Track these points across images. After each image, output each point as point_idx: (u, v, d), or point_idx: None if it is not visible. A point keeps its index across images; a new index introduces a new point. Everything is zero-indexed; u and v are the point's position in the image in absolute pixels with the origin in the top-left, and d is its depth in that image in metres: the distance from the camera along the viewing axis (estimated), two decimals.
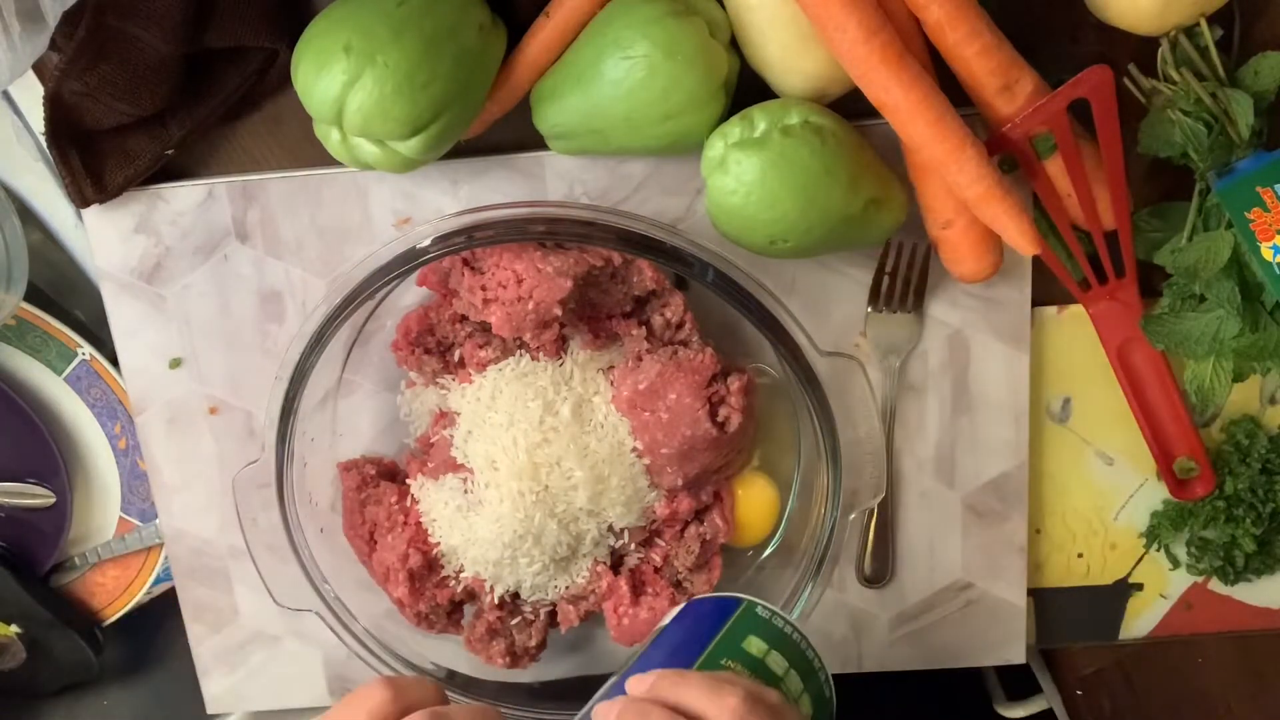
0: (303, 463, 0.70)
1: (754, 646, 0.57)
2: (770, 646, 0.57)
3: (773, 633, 0.58)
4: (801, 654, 0.58)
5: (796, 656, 0.58)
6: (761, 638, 0.58)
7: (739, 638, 0.57)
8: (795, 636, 0.59)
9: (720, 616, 0.59)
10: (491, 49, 0.63)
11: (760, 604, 0.59)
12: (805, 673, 0.58)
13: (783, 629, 0.58)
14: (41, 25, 0.59)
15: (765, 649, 0.57)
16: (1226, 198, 0.61)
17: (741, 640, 0.57)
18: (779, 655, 0.57)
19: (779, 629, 0.58)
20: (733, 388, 0.67)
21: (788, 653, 0.58)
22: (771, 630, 0.58)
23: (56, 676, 0.82)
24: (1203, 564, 0.76)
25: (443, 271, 0.68)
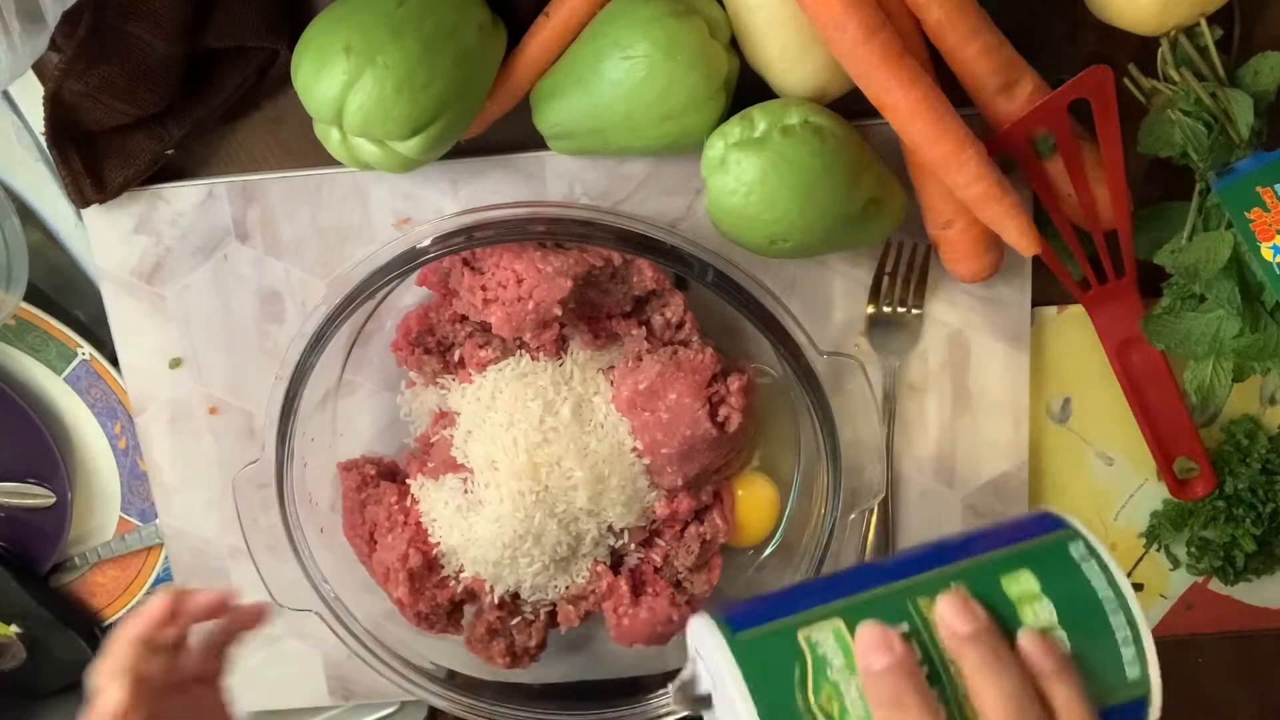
0: (303, 463, 0.70)
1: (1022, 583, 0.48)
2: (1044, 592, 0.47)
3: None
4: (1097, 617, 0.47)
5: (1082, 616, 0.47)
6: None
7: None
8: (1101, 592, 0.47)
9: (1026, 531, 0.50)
10: (491, 49, 0.63)
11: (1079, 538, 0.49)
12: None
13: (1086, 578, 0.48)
14: (41, 25, 0.59)
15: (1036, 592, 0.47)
16: (1226, 198, 0.61)
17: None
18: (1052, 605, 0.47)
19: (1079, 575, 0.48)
20: (733, 388, 0.67)
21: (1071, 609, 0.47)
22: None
23: (56, 676, 0.82)
24: (1203, 564, 0.76)
25: (443, 271, 0.68)
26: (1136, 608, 0.47)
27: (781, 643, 0.46)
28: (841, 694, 0.45)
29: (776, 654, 0.46)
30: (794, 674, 0.45)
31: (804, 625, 0.46)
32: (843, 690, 0.45)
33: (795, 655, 0.46)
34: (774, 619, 0.47)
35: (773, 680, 0.45)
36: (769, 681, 0.45)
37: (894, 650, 0.45)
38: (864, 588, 0.48)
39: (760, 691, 0.45)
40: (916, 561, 0.49)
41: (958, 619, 0.46)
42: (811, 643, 0.46)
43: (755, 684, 0.45)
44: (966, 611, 0.46)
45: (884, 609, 0.47)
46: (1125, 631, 0.47)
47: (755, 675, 0.45)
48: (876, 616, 0.47)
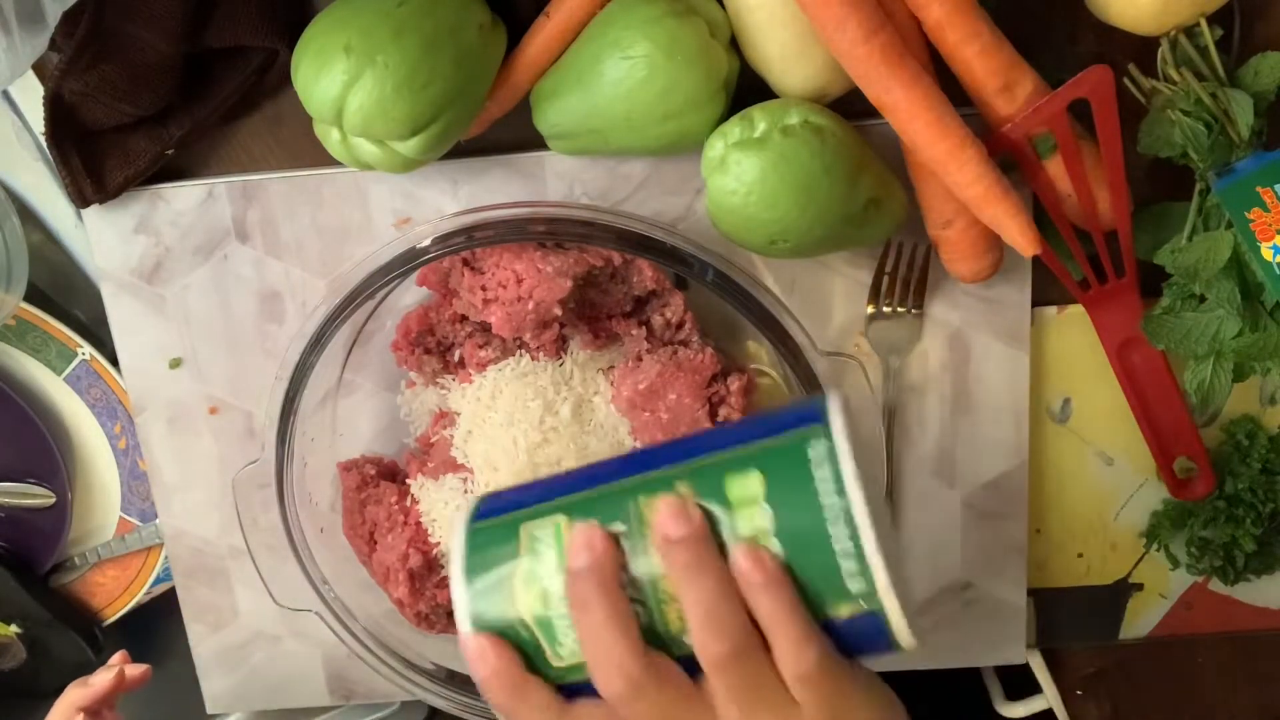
0: (303, 463, 0.70)
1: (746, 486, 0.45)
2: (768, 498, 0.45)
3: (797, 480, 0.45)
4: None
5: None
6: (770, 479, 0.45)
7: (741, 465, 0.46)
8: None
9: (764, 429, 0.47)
10: (491, 49, 0.63)
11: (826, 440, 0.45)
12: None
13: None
14: (41, 25, 0.59)
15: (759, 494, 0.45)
16: (1226, 198, 0.61)
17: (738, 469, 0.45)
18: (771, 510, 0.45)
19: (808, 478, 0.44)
20: (733, 388, 0.67)
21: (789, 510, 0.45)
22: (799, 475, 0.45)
23: (56, 676, 0.82)
24: (1203, 564, 0.76)
25: (443, 271, 0.68)
26: (862, 517, 0.44)
27: (504, 534, 0.47)
28: (545, 588, 0.46)
29: (498, 545, 0.47)
30: (506, 566, 0.47)
31: (530, 518, 0.47)
32: (546, 585, 0.46)
33: (513, 548, 0.47)
34: (510, 510, 0.48)
35: (487, 569, 0.47)
36: (483, 569, 0.47)
37: (593, 550, 0.45)
38: (600, 482, 0.48)
39: (472, 576, 0.47)
40: (660, 455, 0.48)
41: (669, 521, 0.45)
42: (532, 536, 0.47)
43: (471, 570, 0.47)
44: (679, 515, 0.45)
45: (606, 507, 0.47)
46: (846, 543, 0.44)
47: (474, 562, 0.47)
48: (598, 515, 0.46)
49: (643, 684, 0.45)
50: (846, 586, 0.44)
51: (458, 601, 0.47)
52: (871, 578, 0.44)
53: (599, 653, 0.45)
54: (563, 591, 0.46)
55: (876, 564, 0.44)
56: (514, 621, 0.47)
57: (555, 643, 0.46)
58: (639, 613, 0.46)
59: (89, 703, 0.67)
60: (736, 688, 0.45)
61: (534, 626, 0.46)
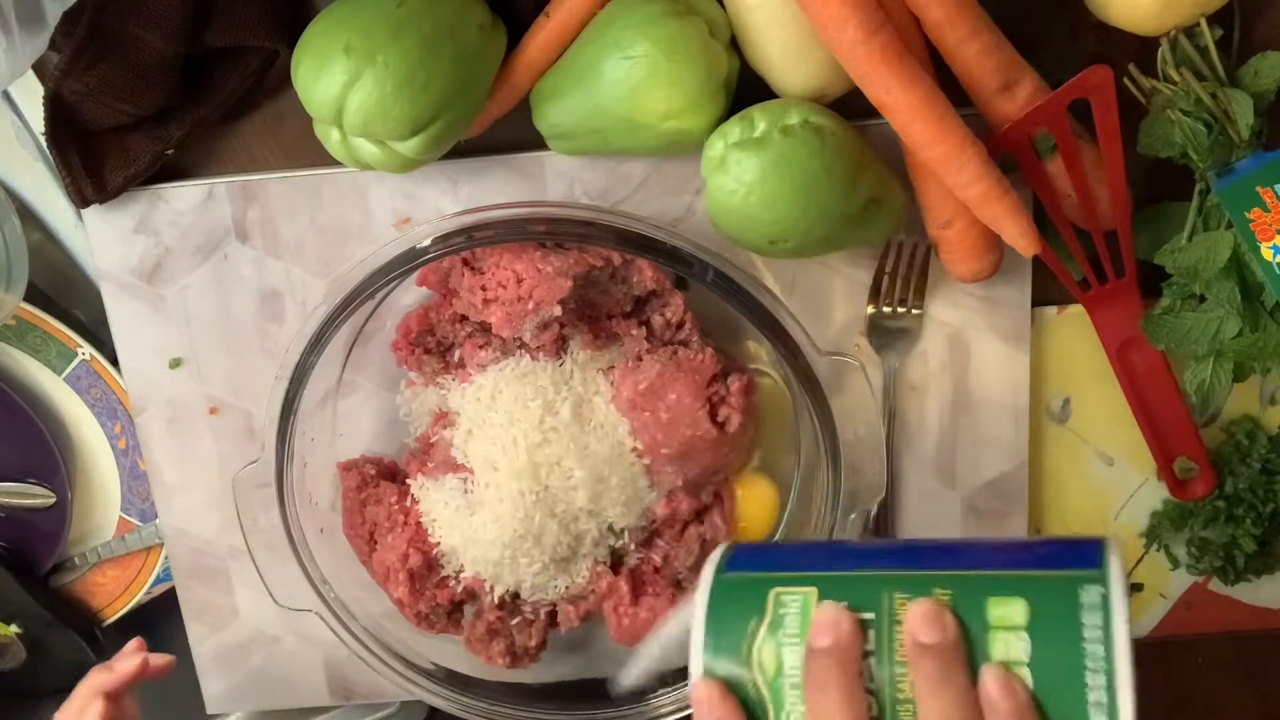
0: (303, 463, 0.70)
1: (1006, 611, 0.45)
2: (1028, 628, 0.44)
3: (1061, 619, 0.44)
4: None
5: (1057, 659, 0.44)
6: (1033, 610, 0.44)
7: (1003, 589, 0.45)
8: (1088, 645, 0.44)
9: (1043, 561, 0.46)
10: (491, 49, 0.63)
11: (1103, 582, 0.45)
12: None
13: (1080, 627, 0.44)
14: (41, 25, 0.59)
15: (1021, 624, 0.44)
16: (1226, 198, 0.61)
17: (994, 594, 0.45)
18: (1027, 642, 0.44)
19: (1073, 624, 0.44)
20: (733, 388, 0.67)
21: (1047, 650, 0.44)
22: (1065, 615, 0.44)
23: (56, 676, 0.82)
24: (1203, 564, 0.76)
25: (443, 271, 0.68)
26: (1123, 676, 0.43)
27: (753, 592, 0.48)
28: (782, 655, 0.46)
29: (745, 601, 0.48)
30: (750, 623, 0.47)
31: (781, 583, 0.48)
32: (784, 652, 0.46)
33: (760, 607, 0.47)
34: (762, 569, 0.49)
35: (729, 622, 0.47)
36: (726, 622, 0.47)
37: (839, 633, 0.45)
38: (858, 565, 0.48)
39: (714, 626, 0.47)
40: (919, 554, 0.48)
41: (923, 625, 0.44)
42: (779, 601, 0.47)
43: (713, 619, 0.47)
44: (935, 621, 0.44)
45: (859, 592, 0.47)
46: (1101, 695, 0.43)
47: (718, 612, 0.48)
48: (850, 598, 0.46)
49: None
50: None
51: (694, 645, 0.47)
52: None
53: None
54: (799, 664, 0.46)
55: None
56: (745, 679, 0.47)
57: (781, 712, 0.46)
58: (870, 705, 0.45)
59: (113, 687, 0.66)
60: None
61: (764, 690, 0.46)
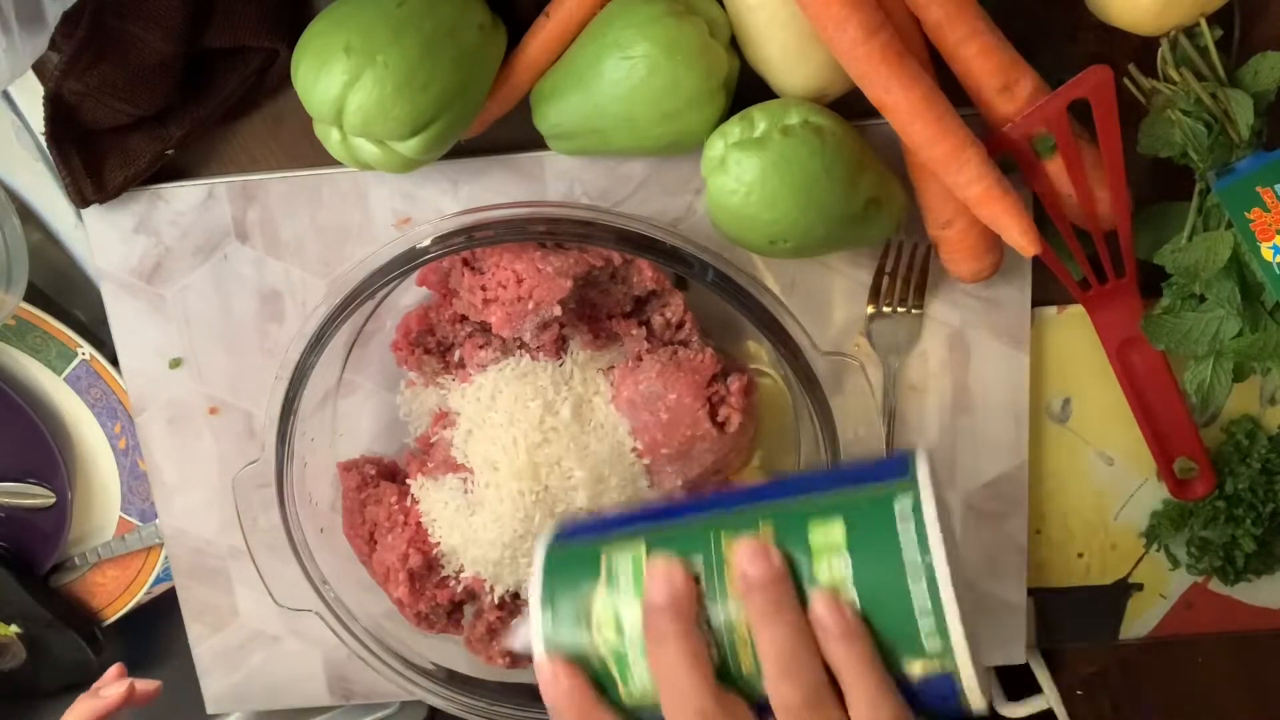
0: (303, 463, 0.70)
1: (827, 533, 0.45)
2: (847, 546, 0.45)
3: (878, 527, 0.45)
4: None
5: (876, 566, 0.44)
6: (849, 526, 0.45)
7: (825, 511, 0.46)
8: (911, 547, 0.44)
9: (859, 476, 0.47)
10: (491, 49, 0.63)
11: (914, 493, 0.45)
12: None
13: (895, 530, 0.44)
14: (41, 25, 0.59)
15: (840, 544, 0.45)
16: (1226, 198, 0.61)
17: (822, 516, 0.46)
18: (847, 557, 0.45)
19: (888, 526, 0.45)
20: (733, 388, 0.67)
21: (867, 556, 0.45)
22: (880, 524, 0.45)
23: (56, 676, 0.82)
24: (1203, 564, 0.76)
25: (443, 271, 0.68)
26: (943, 576, 0.44)
27: (585, 559, 0.48)
28: (621, 617, 0.47)
29: (577, 567, 0.48)
30: (584, 587, 0.48)
31: (609, 545, 0.48)
32: (622, 613, 0.47)
33: (593, 571, 0.48)
34: (592, 535, 0.49)
35: (566, 592, 0.48)
36: (562, 593, 0.48)
37: (672, 586, 0.46)
38: (682, 515, 0.48)
39: (553, 600, 0.48)
40: (744, 494, 0.49)
41: (750, 563, 0.45)
42: (610, 562, 0.48)
43: (552, 593, 0.48)
44: (760, 557, 0.45)
45: (687, 539, 0.47)
46: (925, 600, 0.44)
47: (555, 584, 0.48)
48: (678, 548, 0.47)
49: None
50: (922, 644, 0.44)
51: (534, 623, 0.48)
52: (948, 637, 0.44)
53: (673, 689, 0.45)
54: (638, 621, 0.46)
55: (955, 624, 0.44)
56: (588, 649, 0.47)
57: (627, 674, 0.47)
58: (713, 652, 0.46)
59: (101, 714, 0.67)
60: None
61: (608, 656, 0.47)
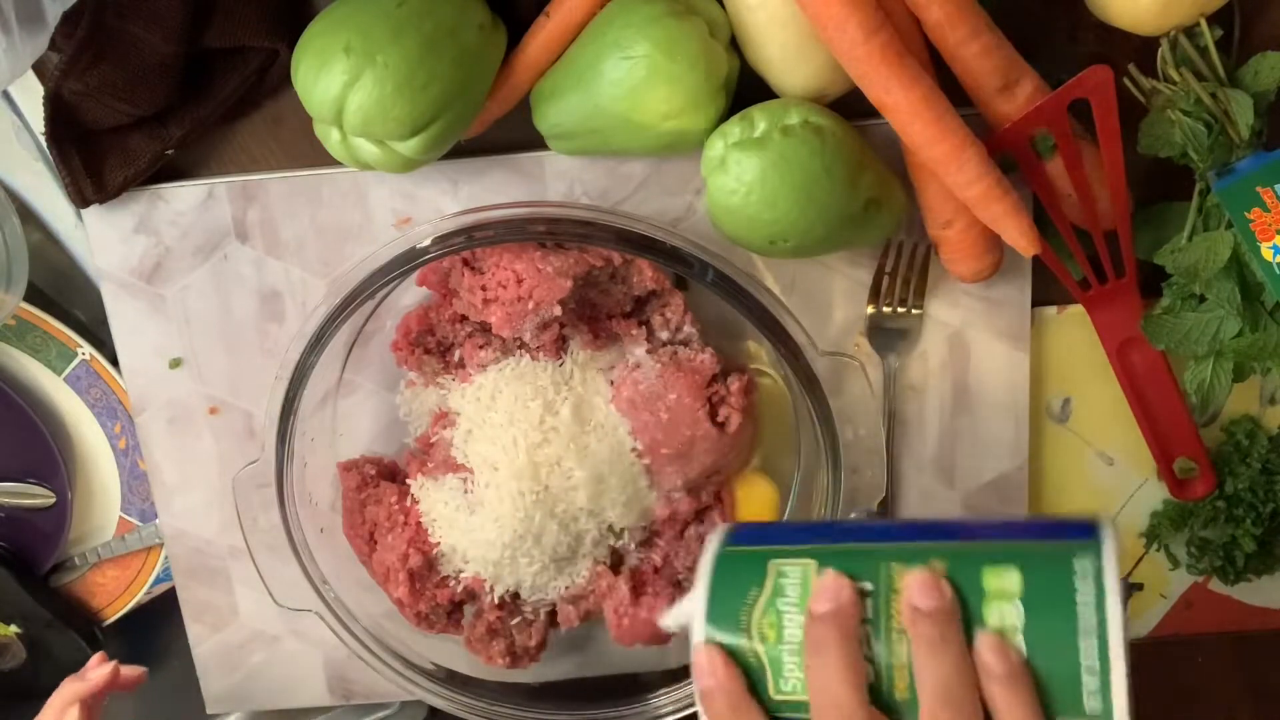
0: (303, 463, 0.70)
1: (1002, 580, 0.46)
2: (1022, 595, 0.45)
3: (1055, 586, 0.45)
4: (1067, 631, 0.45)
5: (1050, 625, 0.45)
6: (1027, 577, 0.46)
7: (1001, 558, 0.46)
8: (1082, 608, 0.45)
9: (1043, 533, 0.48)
10: (491, 49, 0.63)
11: (1098, 554, 0.46)
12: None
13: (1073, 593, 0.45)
14: (41, 25, 0.59)
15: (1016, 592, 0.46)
16: (1226, 198, 0.61)
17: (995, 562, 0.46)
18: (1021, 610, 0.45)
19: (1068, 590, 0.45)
20: (733, 388, 0.67)
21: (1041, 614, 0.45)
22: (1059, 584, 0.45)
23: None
24: (1203, 564, 0.76)
25: (443, 271, 0.68)
26: (1116, 639, 0.45)
27: (754, 564, 0.49)
28: (782, 623, 0.48)
29: (746, 572, 0.49)
30: (750, 593, 0.49)
31: (779, 556, 0.49)
32: (784, 620, 0.48)
33: (760, 577, 0.49)
34: (762, 543, 0.50)
35: (730, 592, 0.49)
36: (727, 592, 0.49)
37: (840, 599, 0.46)
38: (855, 539, 0.50)
39: (716, 595, 0.49)
40: (914, 530, 0.50)
41: (920, 592, 0.46)
42: (779, 571, 0.49)
43: (715, 589, 0.49)
44: (932, 588, 0.46)
45: (858, 563, 0.48)
46: (1094, 660, 0.45)
47: (720, 583, 0.49)
48: (847, 568, 0.48)
49: None
50: (1083, 703, 0.45)
51: (696, 613, 0.49)
52: (1110, 701, 0.44)
53: (826, 697, 0.46)
54: (798, 632, 0.47)
55: (1120, 689, 0.44)
56: (745, 648, 0.48)
57: (780, 677, 0.48)
58: (868, 671, 0.47)
59: (86, 695, 0.68)
60: None
61: (763, 655, 0.48)
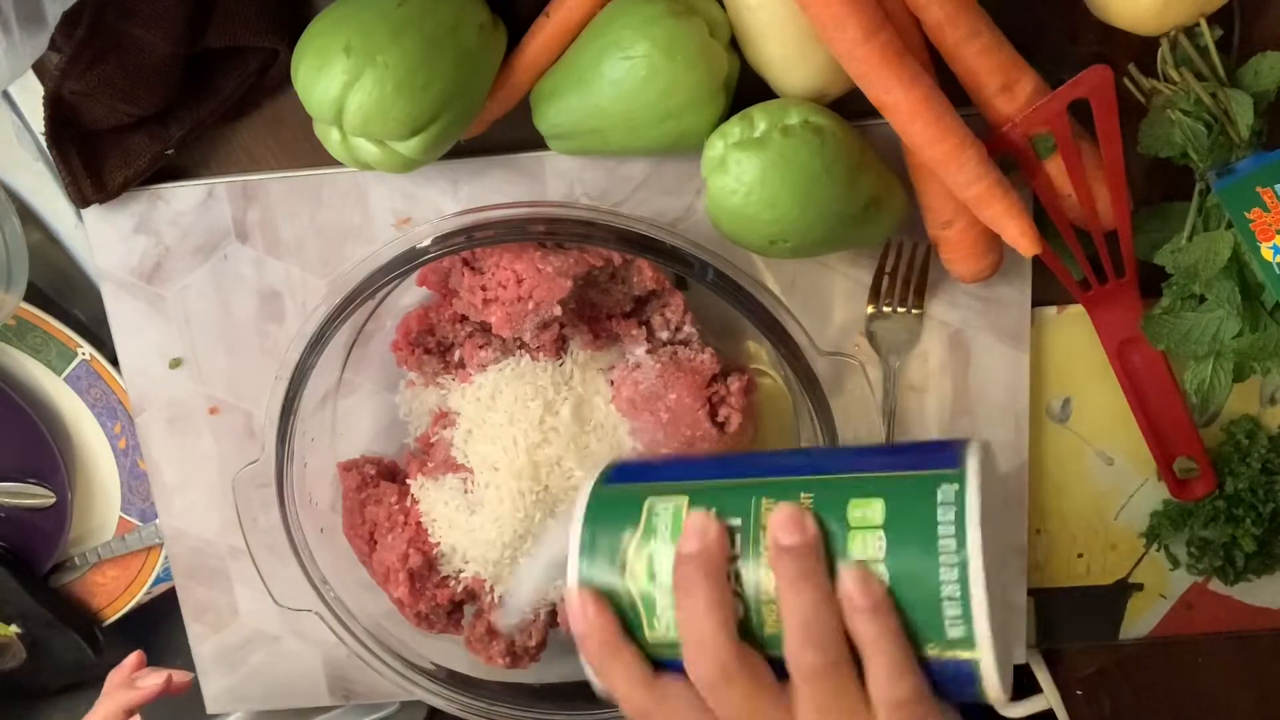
0: (303, 463, 0.70)
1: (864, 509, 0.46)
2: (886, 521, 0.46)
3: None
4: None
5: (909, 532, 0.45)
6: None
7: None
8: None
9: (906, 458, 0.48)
10: (491, 49, 0.63)
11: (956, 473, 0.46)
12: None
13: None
14: (41, 25, 0.59)
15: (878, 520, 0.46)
16: (1226, 198, 0.61)
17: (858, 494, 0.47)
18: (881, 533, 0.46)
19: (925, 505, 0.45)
20: (733, 388, 0.67)
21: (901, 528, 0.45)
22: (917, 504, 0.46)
23: (56, 676, 0.82)
24: (1203, 564, 0.76)
25: (443, 271, 0.68)
26: (976, 569, 0.44)
27: (629, 502, 0.50)
28: (655, 563, 0.48)
29: (621, 510, 0.49)
30: (625, 532, 0.49)
31: (655, 493, 0.49)
32: (656, 560, 0.48)
33: (634, 515, 0.49)
34: (641, 480, 0.51)
35: (605, 531, 0.49)
36: (602, 531, 0.49)
37: (706, 539, 0.47)
38: (728, 475, 0.50)
39: (590, 535, 0.49)
40: (789, 462, 0.50)
41: (784, 529, 0.46)
42: (652, 510, 0.49)
43: (590, 528, 0.49)
44: (795, 524, 0.46)
45: (729, 499, 0.48)
46: (954, 588, 0.45)
47: (595, 522, 0.50)
48: (719, 505, 0.48)
49: (732, 674, 0.46)
50: (945, 630, 0.45)
51: (570, 555, 0.49)
52: (973, 628, 0.45)
53: (695, 636, 0.46)
54: (670, 571, 0.48)
55: (981, 616, 0.45)
56: (619, 588, 0.48)
57: (653, 617, 0.48)
58: (738, 607, 0.47)
59: (138, 704, 0.68)
60: (821, 701, 0.46)
61: (636, 597, 0.48)
